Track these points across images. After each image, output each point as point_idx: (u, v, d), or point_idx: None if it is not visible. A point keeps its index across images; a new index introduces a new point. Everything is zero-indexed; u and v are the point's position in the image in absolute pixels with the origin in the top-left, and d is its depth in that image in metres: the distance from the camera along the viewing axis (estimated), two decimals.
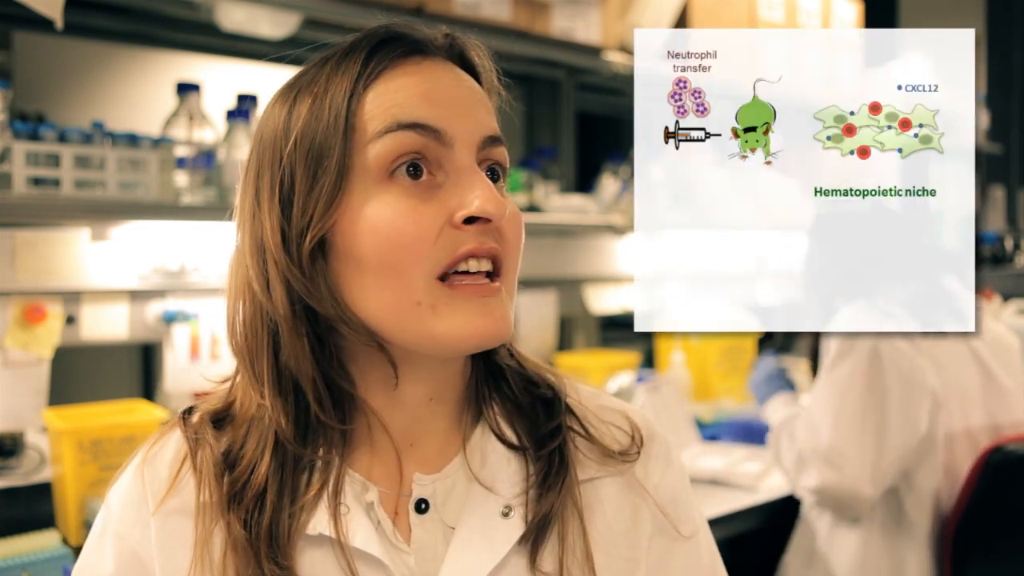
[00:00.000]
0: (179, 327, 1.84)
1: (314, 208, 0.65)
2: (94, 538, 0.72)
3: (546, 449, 0.72)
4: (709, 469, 1.86)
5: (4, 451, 1.64)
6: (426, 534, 0.69)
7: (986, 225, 4.21)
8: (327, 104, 0.66)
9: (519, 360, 0.77)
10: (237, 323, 0.69)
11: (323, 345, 0.67)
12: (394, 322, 0.65)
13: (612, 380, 2.12)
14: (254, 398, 0.68)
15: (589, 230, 2.51)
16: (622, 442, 0.76)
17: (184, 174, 1.73)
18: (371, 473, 0.70)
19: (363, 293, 0.65)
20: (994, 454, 1.59)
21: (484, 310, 0.65)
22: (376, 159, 0.65)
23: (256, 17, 1.89)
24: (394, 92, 0.66)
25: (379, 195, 0.65)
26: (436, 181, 0.66)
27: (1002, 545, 1.63)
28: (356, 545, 0.66)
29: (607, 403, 0.80)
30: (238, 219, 0.71)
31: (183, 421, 0.72)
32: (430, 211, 0.65)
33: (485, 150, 0.68)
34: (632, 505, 0.74)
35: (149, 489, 0.69)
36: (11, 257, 1.64)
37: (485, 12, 2.00)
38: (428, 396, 0.71)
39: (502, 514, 0.69)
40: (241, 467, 0.67)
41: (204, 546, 0.66)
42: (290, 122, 0.67)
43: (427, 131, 0.65)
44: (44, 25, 1.35)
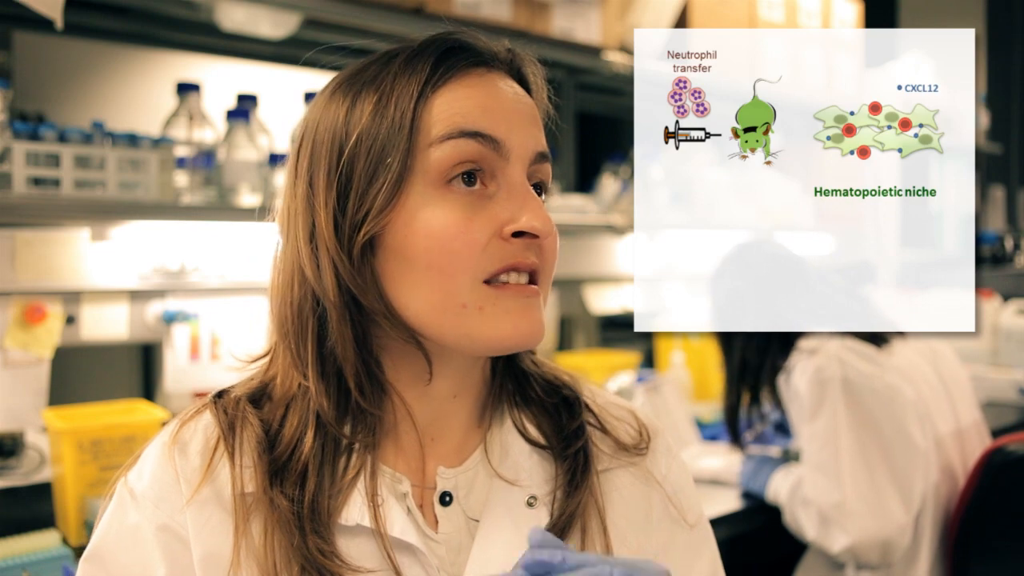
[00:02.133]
0: (179, 327, 1.84)
1: (371, 205, 0.67)
2: (126, 532, 0.70)
3: (572, 448, 0.76)
4: (709, 469, 1.86)
5: (4, 451, 1.64)
6: (451, 526, 0.72)
7: (986, 225, 4.21)
8: (393, 104, 0.68)
9: (539, 364, 0.81)
10: (286, 305, 0.71)
11: (365, 336, 0.70)
12: (438, 321, 0.68)
13: (612, 380, 2.12)
14: (295, 378, 0.71)
15: (589, 230, 2.51)
16: (632, 436, 0.80)
17: (184, 174, 1.73)
18: (397, 465, 0.73)
19: (409, 291, 0.68)
20: (995, 454, 1.60)
21: (526, 312, 0.69)
22: (436, 163, 0.68)
23: (256, 17, 1.89)
24: (459, 100, 0.69)
25: (435, 200, 0.67)
26: (488, 192, 0.69)
27: (1004, 545, 1.63)
28: (394, 534, 0.68)
29: (614, 400, 0.84)
30: (288, 208, 0.72)
31: (215, 404, 0.74)
32: (481, 221, 0.67)
33: (535, 166, 0.72)
34: (644, 495, 0.78)
35: (182, 475, 0.70)
36: (11, 257, 1.64)
37: (485, 12, 2.00)
38: (453, 393, 0.74)
39: (527, 504, 0.73)
40: (282, 445, 0.69)
41: (244, 534, 0.67)
42: (352, 117, 0.69)
43: (487, 141, 0.68)
44: (44, 25, 1.35)
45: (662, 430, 0.83)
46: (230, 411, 0.72)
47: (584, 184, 2.70)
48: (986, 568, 1.61)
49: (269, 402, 0.73)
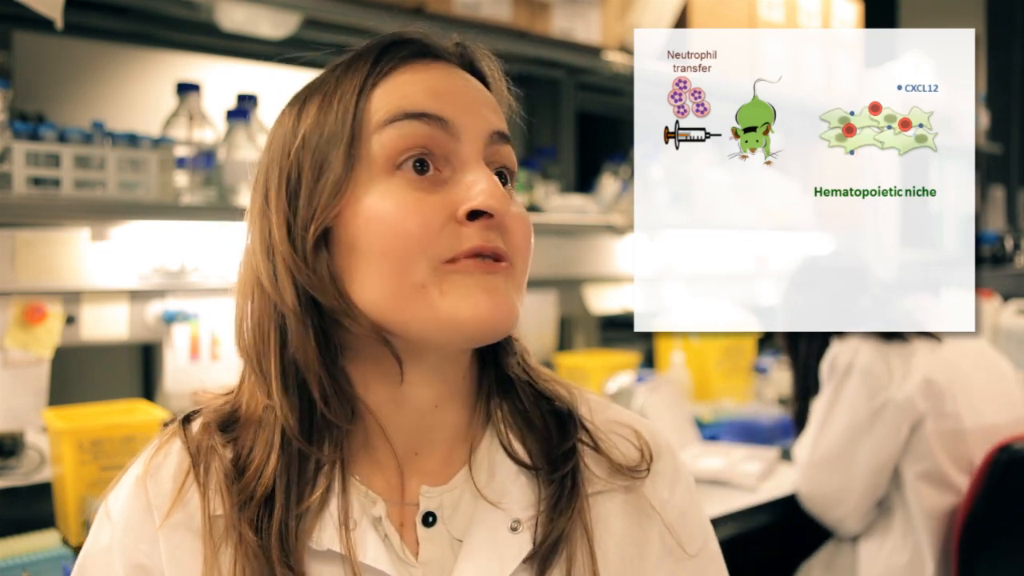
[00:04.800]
0: (179, 327, 1.84)
1: (319, 199, 0.65)
2: (98, 552, 0.70)
3: (559, 472, 0.70)
4: (709, 469, 1.86)
5: (4, 451, 1.64)
6: (434, 547, 0.68)
7: (986, 225, 4.21)
8: (336, 101, 0.67)
9: (531, 373, 0.75)
10: (245, 322, 0.69)
11: (328, 342, 0.67)
12: (398, 308, 0.64)
13: (612, 380, 2.12)
14: (261, 399, 0.68)
15: (589, 230, 2.51)
16: (631, 457, 0.74)
17: (184, 174, 1.73)
18: (372, 482, 0.69)
19: (365, 283, 0.64)
20: (1002, 453, 1.60)
21: (489, 291, 0.64)
22: (382, 149, 0.65)
23: (256, 17, 1.89)
24: (402, 86, 0.67)
25: (383, 187, 0.65)
26: (442, 176, 0.66)
27: (1010, 543, 1.63)
28: (366, 562, 0.65)
29: (616, 416, 0.78)
30: (248, 220, 0.71)
31: (183, 431, 0.71)
32: (433, 203, 0.64)
33: (492, 147, 0.68)
34: (639, 525, 0.73)
35: (154, 503, 0.68)
36: (11, 257, 1.64)
37: (485, 12, 2.00)
38: (434, 402, 0.70)
39: (511, 529, 0.68)
40: (250, 472, 0.66)
41: (213, 561, 0.65)
42: (299, 123, 0.68)
43: (433, 120, 0.65)
44: (44, 25, 1.35)
45: (667, 448, 0.77)
46: (196, 438, 0.70)
47: (584, 184, 2.70)
48: (993, 565, 1.61)
49: (239, 426, 0.70)
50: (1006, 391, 1.77)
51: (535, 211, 2.30)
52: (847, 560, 1.73)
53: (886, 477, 1.68)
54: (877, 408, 1.66)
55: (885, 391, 1.65)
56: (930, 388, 1.64)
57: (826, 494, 1.71)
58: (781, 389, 2.49)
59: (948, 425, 1.65)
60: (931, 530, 1.64)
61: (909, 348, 1.69)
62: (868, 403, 1.66)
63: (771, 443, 2.10)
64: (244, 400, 0.71)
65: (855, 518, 1.70)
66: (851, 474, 1.68)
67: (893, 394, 1.65)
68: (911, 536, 1.66)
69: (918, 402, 1.63)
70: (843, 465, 1.68)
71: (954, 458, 1.66)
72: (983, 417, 1.69)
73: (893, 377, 1.66)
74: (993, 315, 2.88)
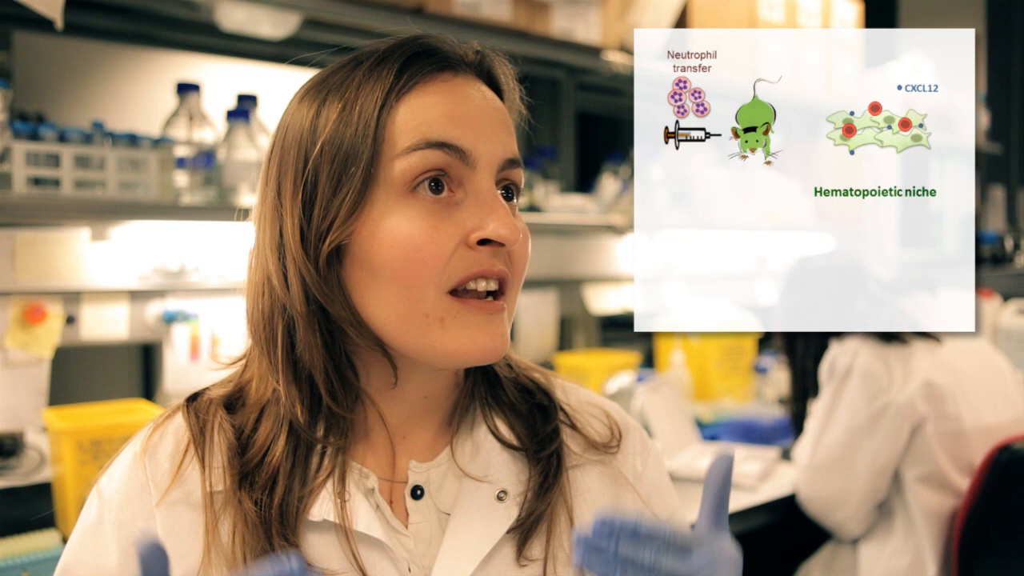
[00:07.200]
0: (179, 327, 1.84)
1: (335, 214, 0.67)
2: (89, 529, 0.71)
3: (546, 451, 0.76)
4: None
5: (4, 451, 1.64)
6: (422, 519, 0.73)
7: (986, 225, 4.21)
8: (357, 112, 0.68)
9: (515, 369, 0.81)
10: (257, 313, 0.72)
11: (334, 341, 0.70)
12: (401, 331, 0.68)
13: (612, 380, 2.12)
14: (270, 383, 0.71)
15: (589, 230, 2.51)
16: (603, 434, 0.81)
17: (184, 174, 1.73)
18: (366, 461, 0.73)
19: (374, 300, 0.68)
20: (1002, 452, 1.60)
21: (487, 327, 0.69)
22: (401, 174, 0.67)
23: (256, 17, 1.89)
24: (425, 109, 0.68)
25: (400, 209, 0.67)
26: (455, 198, 0.69)
27: (1008, 543, 1.63)
28: (359, 529, 0.69)
29: (587, 398, 0.84)
30: (259, 213, 0.73)
31: (187, 408, 0.74)
32: (447, 229, 0.67)
33: (504, 171, 0.71)
34: (616, 495, 0.79)
35: (151, 480, 0.70)
36: (11, 257, 1.64)
37: (485, 12, 2.00)
38: (423, 394, 0.75)
39: (497, 498, 0.73)
40: (254, 449, 0.70)
41: (213, 533, 0.67)
42: (317, 124, 0.69)
43: (453, 151, 0.68)
44: (44, 25, 1.35)
45: (635, 426, 0.84)
46: (202, 415, 0.73)
47: (584, 184, 2.70)
48: (992, 565, 1.61)
49: (243, 407, 0.73)
50: (1006, 391, 1.77)
51: (535, 211, 2.30)
52: (847, 562, 1.73)
53: (887, 480, 1.67)
54: (877, 411, 1.65)
55: (885, 394, 1.64)
56: (931, 391, 1.64)
57: (827, 497, 1.70)
58: (781, 389, 2.49)
59: (948, 427, 1.65)
60: (932, 533, 1.64)
61: (908, 350, 1.68)
62: (868, 406, 1.65)
63: (771, 443, 2.10)
64: (252, 382, 0.74)
65: (856, 521, 1.70)
66: (852, 477, 1.67)
67: (893, 397, 1.64)
68: (912, 539, 1.66)
69: (919, 405, 1.63)
70: (844, 468, 1.68)
71: (955, 460, 1.66)
72: (983, 418, 1.69)
73: (893, 379, 1.65)
74: (993, 315, 2.88)
